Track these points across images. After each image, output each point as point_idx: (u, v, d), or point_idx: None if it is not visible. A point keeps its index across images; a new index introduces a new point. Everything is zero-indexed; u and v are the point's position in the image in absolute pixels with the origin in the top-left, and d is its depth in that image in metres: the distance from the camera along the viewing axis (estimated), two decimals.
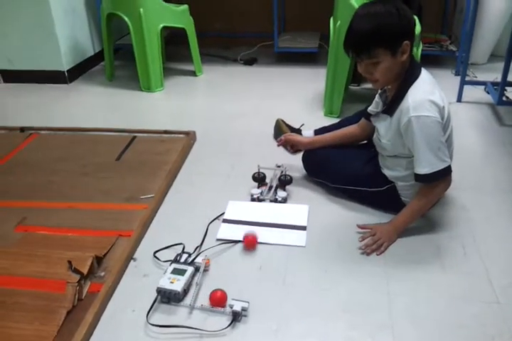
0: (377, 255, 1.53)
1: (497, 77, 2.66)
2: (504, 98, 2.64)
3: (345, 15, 2.53)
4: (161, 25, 2.93)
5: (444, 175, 1.51)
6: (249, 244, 1.57)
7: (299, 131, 2.24)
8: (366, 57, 1.45)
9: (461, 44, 2.77)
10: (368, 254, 1.53)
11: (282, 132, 2.21)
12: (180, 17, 3.06)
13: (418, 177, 1.52)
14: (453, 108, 1.67)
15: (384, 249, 1.55)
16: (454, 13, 3.61)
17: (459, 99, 2.75)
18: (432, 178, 1.50)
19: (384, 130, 1.61)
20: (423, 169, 1.49)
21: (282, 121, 2.32)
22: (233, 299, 1.32)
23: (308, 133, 2.20)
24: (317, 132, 2.16)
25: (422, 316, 1.31)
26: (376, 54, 1.43)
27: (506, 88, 2.66)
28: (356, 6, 2.47)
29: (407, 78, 1.50)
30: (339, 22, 2.54)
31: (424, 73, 1.53)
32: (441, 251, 1.55)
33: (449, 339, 1.24)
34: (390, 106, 1.55)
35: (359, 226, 1.63)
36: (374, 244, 1.55)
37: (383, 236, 1.56)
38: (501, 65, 2.55)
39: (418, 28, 2.68)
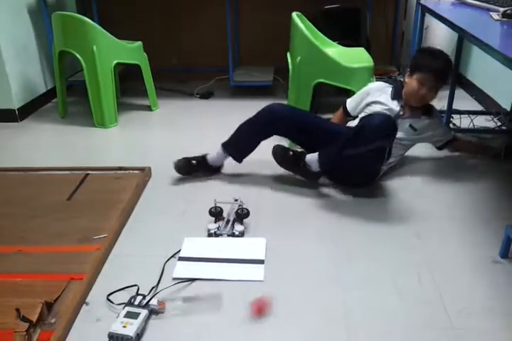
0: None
1: (444, 105, 2.77)
2: (451, 125, 2.75)
3: (304, 51, 2.59)
4: (115, 62, 2.93)
5: None
6: (258, 310, 1.43)
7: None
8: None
9: None
10: None
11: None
12: (134, 53, 3.07)
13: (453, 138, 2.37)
14: None
15: None
16: (402, 45, 3.77)
17: None
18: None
19: (422, 128, 2.24)
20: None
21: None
22: None
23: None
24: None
25: None
26: None
27: (453, 115, 2.78)
28: (316, 42, 2.53)
29: None
30: (299, 58, 2.58)
31: None
32: (397, 280, 1.56)
33: None
34: (429, 111, 2.27)
35: None
36: None
37: None
38: (447, 94, 2.66)
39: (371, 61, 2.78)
